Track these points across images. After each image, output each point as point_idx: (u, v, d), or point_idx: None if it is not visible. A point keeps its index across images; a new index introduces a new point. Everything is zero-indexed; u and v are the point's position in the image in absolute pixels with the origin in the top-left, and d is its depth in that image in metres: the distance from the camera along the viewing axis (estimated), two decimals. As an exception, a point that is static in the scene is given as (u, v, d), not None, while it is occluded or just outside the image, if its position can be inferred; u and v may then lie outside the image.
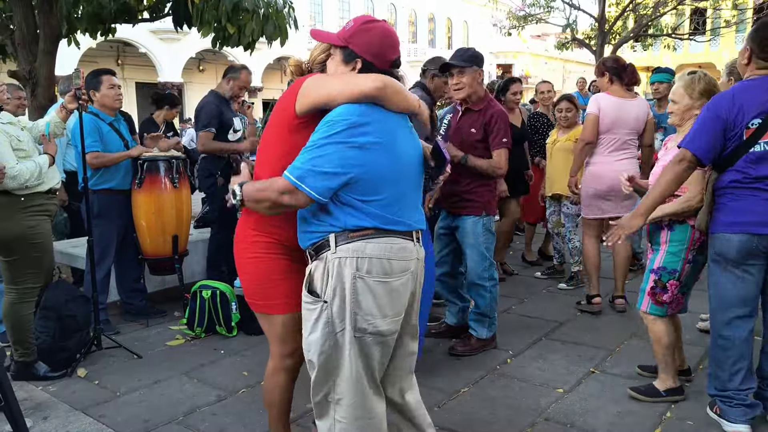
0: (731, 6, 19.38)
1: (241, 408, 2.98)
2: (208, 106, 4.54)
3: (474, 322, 3.63)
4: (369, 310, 1.82)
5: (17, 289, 3.21)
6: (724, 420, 2.64)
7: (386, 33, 1.95)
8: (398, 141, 1.89)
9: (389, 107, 1.87)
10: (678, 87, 2.90)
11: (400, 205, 1.88)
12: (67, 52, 6.82)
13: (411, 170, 1.96)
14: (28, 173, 3.10)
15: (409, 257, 1.88)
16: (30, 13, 5.27)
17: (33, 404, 3.03)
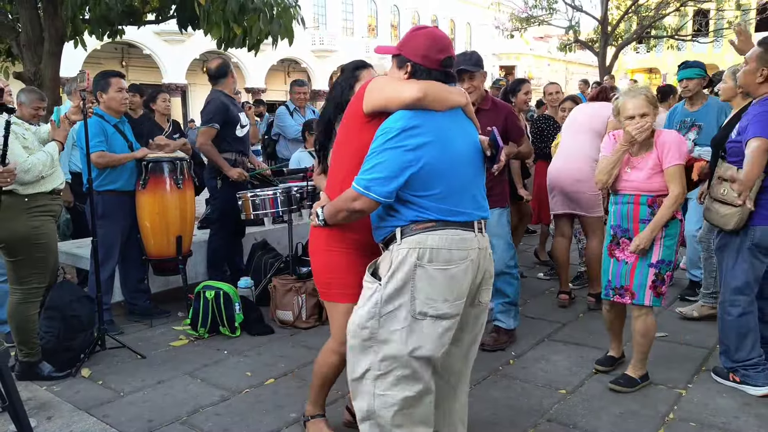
0: (734, 7, 19.35)
1: (245, 408, 2.99)
2: (213, 102, 4.55)
3: (501, 313, 3.70)
4: (430, 295, 1.99)
5: (22, 289, 3.22)
6: (750, 386, 3.03)
7: (432, 36, 2.11)
8: (451, 137, 2.06)
9: (435, 109, 2.04)
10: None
11: (458, 198, 2.05)
12: (71, 54, 6.86)
13: (467, 162, 2.10)
14: (41, 164, 3.12)
15: (469, 246, 2.04)
16: (35, 15, 5.30)
17: (37, 404, 3.05)
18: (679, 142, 3.04)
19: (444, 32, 2.20)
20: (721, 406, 2.90)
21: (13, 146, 3.04)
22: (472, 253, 2.06)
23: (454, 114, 2.11)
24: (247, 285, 4.41)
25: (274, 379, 3.32)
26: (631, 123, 2.96)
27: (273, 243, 5.09)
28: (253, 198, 4.33)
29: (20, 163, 3.03)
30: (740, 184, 2.85)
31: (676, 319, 4.16)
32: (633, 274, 3.04)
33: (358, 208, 2.05)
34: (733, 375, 3.10)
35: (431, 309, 2.00)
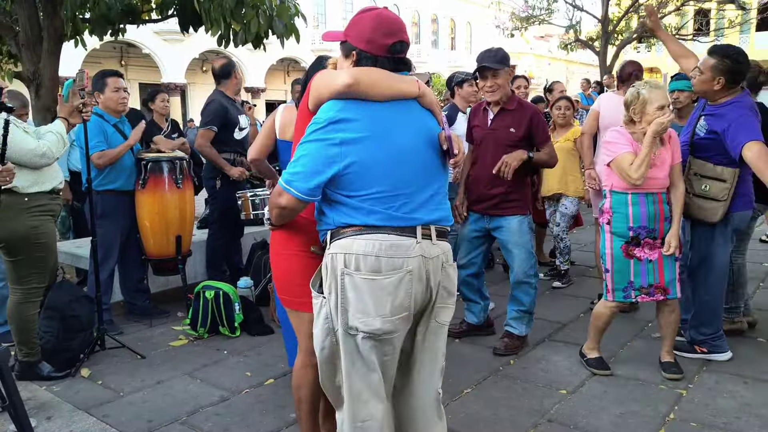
0: (735, 6, 19.31)
1: (245, 408, 2.98)
2: (213, 104, 4.56)
3: (514, 320, 3.65)
4: (360, 308, 1.78)
5: (22, 289, 3.21)
6: (717, 353, 3.39)
7: (377, 19, 1.86)
8: (393, 131, 1.82)
9: (373, 99, 1.80)
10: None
11: (400, 200, 1.81)
12: (71, 53, 6.84)
13: (413, 160, 1.84)
14: (54, 146, 3.13)
15: (405, 255, 1.78)
16: (34, 15, 5.29)
17: (37, 404, 3.04)
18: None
19: (396, 15, 1.92)
20: (721, 407, 2.90)
21: (21, 136, 3.03)
22: (411, 262, 1.78)
23: (402, 106, 1.85)
24: (247, 285, 4.41)
25: (273, 379, 3.31)
26: (660, 114, 2.94)
27: (273, 243, 5.07)
28: (253, 198, 4.33)
29: (32, 149, 3.03)
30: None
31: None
32: (662, 271, 3.11)
33: (283, 204, 1.84)
34: (699, 347, 3.41)
35: (362, 324, 1.77)
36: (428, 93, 1.93)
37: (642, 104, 2.99)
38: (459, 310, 4.07)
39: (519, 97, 3.67)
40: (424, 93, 1.90)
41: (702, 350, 3.41)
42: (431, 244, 1.85)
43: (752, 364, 3.38)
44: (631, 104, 3.05)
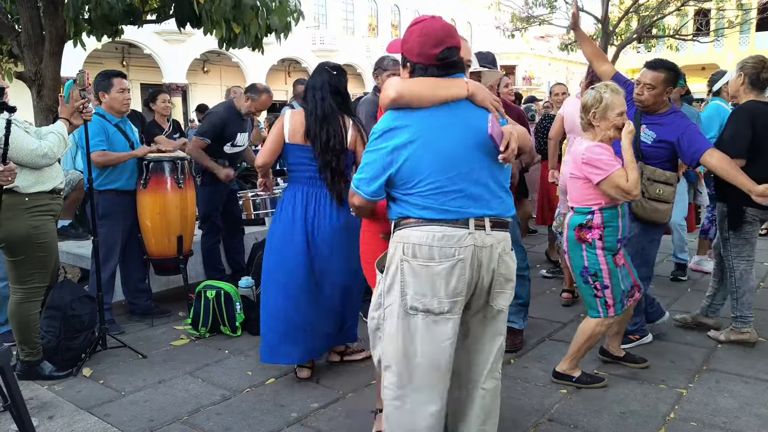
0: (735, 6, 19.33)
1: (246, 408, 2.99)
2: (214, 115, 4.58)
3: (514, 315, 3.65)
4: (418, 290, 1.99)
5: (23, 288, 3.22)
6: (646, 338, 3.70)
7: (424, 32, 2.02)
8: (441, 133, 1.98)
9: (419, 107, 1.98)
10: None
11: (449, 195, 1.98)
12: (72, 54, 6.85)
13: (464, 157, 1.99)
14: (55, 146, 3.14)
15: (458, 245, 1.97)
16: (36, 15, 5.30)
17: (39, 404, 3.05)
18: None
19: (442, 22, 2.06)
20: (722, 406, 2.90)
21: (22, 137, 3.04)
22: (464, 251, 1.97)
23: (452, 108, 2.00)
24: (248, 284, 4.41)
25: (275, 379, 3.32)
26: (620, 120, 2.91)
27: (274, 243, 5.08)
28: (254, 198, 4.34)
29: (34, 149, 3.04)
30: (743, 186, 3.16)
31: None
32: (631, 270, 3.16)
33: (357, 204, 2.11)
34: (632, 336, 3.64)
35: (420, 303, 1.99)
36: (479, 92, 2.04)
37: (604, 109, 2.89)
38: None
39: (504, 99, 3.74)
40: (473, 93, 2.02)
41: (636, 338, 3.66)
42: (485, 234, 2.01)
43: (752, 363, 3.39)
44: (592, 107, 2.92)
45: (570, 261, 3.08)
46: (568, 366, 3.18)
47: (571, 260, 3.07)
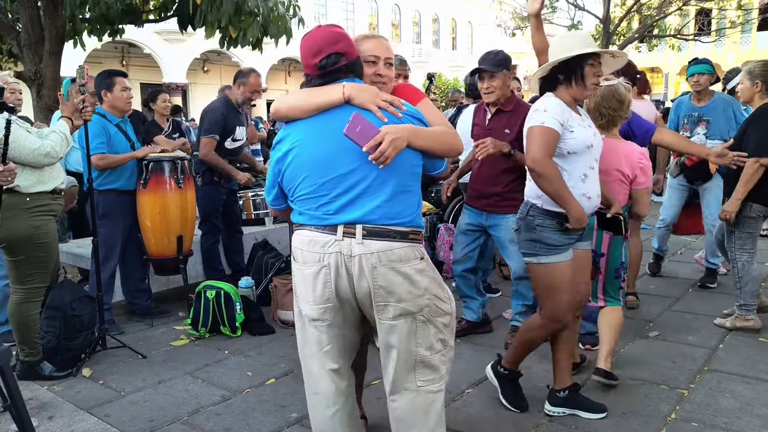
0: (736, 6, 19.30)
1: (246, 408, 2.98)
2: (212, 112, 4.55)
3: (520, 314, 3.70)
4: (299, 293, 2.09)
5: (23, 288, 3.22)
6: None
7: (306, 43, 2.05)
8: (315, 140, 1.97)
9: (298, 118, 2.02)
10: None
11: (322, 201, 1.96)
12: (72, 54, 6.85)
13: (336, 165, 1.94)
14: (58, 145, 3.14)
15: (322, 251, 1.95)
16: (36, 15, 5.30)
17: (38, 404, 3.05)
18: None
19: (327, 30, 2.04)
20: (723, 406, 2.90)
21: (24, 136, 3.04)
22: (329, 258, 1.93)
23: (334, 114, 1.96)
24: (248, 285, 4.41)
25: (275, 379, 3.31)
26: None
27: (274, 243, 5.09)
28: (254, 198, 4.34)
29: (36, 148, 3.04)
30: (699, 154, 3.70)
31: (678, 319, 4.15)
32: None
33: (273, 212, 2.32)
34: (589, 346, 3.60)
35: (303, 307, 2.07)
36: (358, 94, 1.97)
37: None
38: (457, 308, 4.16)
39: (519, 98, 3.67)
40: (350, 96, 1.97)
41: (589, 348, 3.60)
42: (355, 242, 1.92)
43: (753, 363, 3.38)
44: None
45: (610, 261, 3.06)
46: (610, 363, 3.10)
47: (612, 260, 3.06)
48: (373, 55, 2.18)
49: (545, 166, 2.52)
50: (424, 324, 2.00)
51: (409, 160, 1.98)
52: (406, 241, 1.95)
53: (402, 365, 2.02)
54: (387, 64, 2.20)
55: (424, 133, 2.00)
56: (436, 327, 2.03)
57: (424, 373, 2.03)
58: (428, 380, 2.04)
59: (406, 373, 2.03)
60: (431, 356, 2.02)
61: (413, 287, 1.95)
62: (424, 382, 2.03)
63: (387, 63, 2.21)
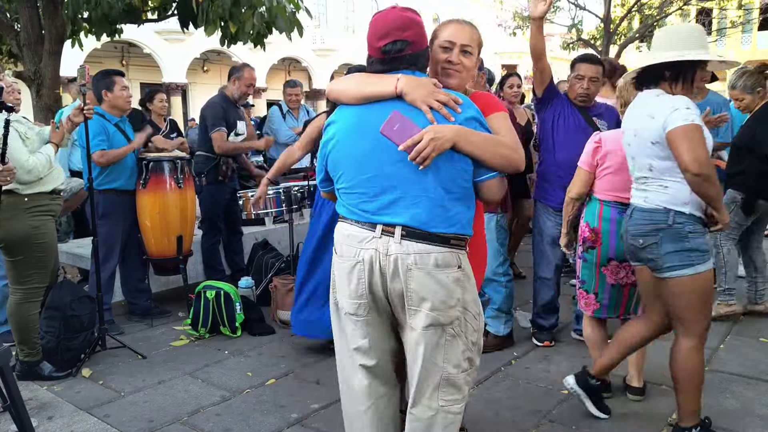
0: (737, 6, 19.30)
1: (246, 408, 2.98)
2: (213, 107, 4.57)
3: (491, 319, 3.68)
4: (336, 284, 2.00)
5: (22, 289, 3.21)
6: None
7: (374, 23, 1.93)
8: (360, 132, 1.87)
9: (348, 103, 1.93)
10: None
11: (363, 198, 1.88)
12: (72, 53, 6.85)
13: (378, 162, 1.84)
14: (41, 165, 3.15)
15: (360, 246, 1.87)
16: (35, 15, 5.30)
17: (38, 404, 3.04)
18: None
19: (399, 13, 1.92)
20: (723, 407, 2.89)
21: (16, 145, 3.04)
22: (364, 253, 1.86)
23: (384, 106, 1.85)
24: (248, 285, 4.40)
25: (275, 379, 3.31)
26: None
27: (274, 243, 5.08)
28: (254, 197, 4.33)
29: (22, 162, 3.03)
30: None
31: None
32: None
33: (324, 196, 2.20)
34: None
35: (338, 299, 1.99)
36: (410, 91, 1.83)
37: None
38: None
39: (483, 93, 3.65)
40: (402, 91, 1.84)
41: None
42: (393, 242, 1.84)
43: (754, 364, 3.37)
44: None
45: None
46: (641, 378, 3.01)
47: None
48: (449, 40, 2.03)
49: (711, 167, 2.26)
50: (453, 339, 1.89)
51: (455, 165, 1.83)
52: (446, 246, 1.84)
53: (426, 379, 1.91)
54: (464, 52, 2.01)
55: (476, 138, 1.83)
56: (466, 344, 1.92)
57: (448, 392, 1.92)
58: (451, 400, 1.93)
59: (430, 389, 1.92)
60: (457, 375, 1.91)
61: (447, 296, 1.85)
62: (446, 402, 1.92)
63: (464, 51, 2.02)
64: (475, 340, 1.95)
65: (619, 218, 2.79)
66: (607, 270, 2.89)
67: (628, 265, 2.79)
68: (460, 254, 1.88)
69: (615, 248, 2.83)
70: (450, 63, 2.00)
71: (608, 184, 2.85)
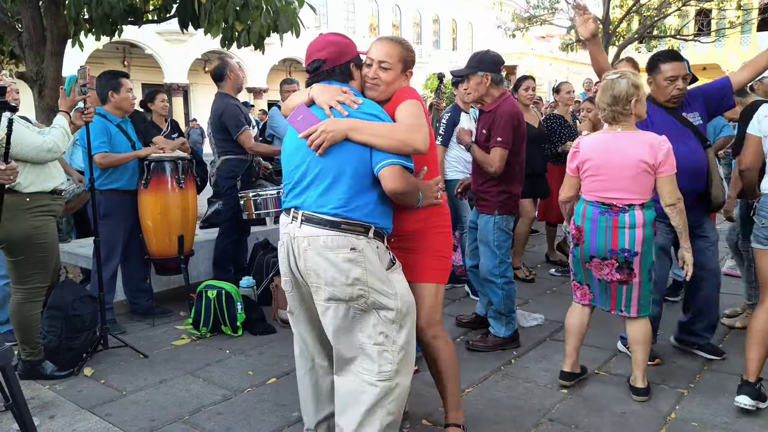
0: (736, 6, 19.31)
1: (247, 407, 2.99)
2: (231, 108, 4.53)
3: (491, 319, 3.71)
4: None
5: (24, 289, 3.22)
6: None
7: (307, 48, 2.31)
8: (289, 135, 2.27)
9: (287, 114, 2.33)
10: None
11: (288, 188, 2.24)
12: (74, 54, 6.85)
13: (297, 157, 2.20)
14: (59, 140, 3.17)
15: (283, 230, 2.24)
16: (37, 15, 5.31)
17: (40, 403, 3.06)
18: None
19: (322, 37, 2.30)
20: (723, 406, 2.90)
21: (27, 133, 3.06)
22: (284, 237, 2.22)
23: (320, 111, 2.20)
24: (249, 284, 4.41)
25: (276, 379, 3.32)
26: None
27: (275, 243, 5.09)
28: (255, 197, 4.34)
29: (39, 144, 3.06)
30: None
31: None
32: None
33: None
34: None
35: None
36: (317, 95, 2.19)
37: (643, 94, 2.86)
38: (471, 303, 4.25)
39: (502, 100, 3.55)
40: (312, 97, 2.22)
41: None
42: (296, 226, 2.15)
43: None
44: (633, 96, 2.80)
45: (642, 262, 2.86)
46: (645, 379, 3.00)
47: (644, 261, 2.86)
48: (369, 57, 2.33)
49: None
50: (363, 314, 2.14)
51: (353, 153, 2.11)
52: (335, 230, 2.10)
53: (339, 349, 2.19)
54: (382, 68, 2.30)
55: (367, 128, 2.10)
56: (378, 320, 2.14)
57: (363, 361, 2.16)
58: (365, 369, 2.16)
59: (345, 359, 2.19)
60: (370, 345, 2.14)
61: (340, 275, 2.09)
62: (363, 370, 2.16)
63: (381, 66, 2.30)
64: (391, 317, 2.15)
65: (600, 218, 2.87)
66: (591, 266, 2.97)
67: (611, 263, 2.88)
68: (353, 238, 2.10)
69: (595, 246, 2.89)
70: (369, 78, 2.31)
71: (589, 185, 2.94)
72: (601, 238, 2.86)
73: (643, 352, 2.96)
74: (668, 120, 3.23)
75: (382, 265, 2.16)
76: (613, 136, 2.88)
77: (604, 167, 2.84)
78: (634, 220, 2.81)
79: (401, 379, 2.18)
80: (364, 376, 2.16)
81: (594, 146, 2.91)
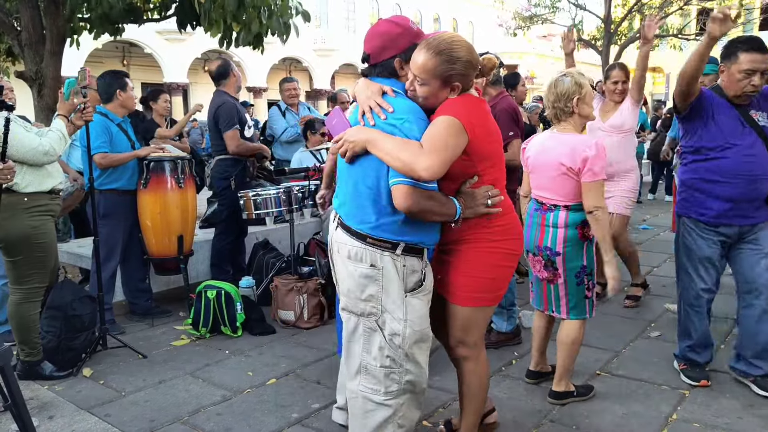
0: (737, 6, 19.28)
1: (246, 408, 2.98)
2: (226, 106, 4.54)
3: (494, 315, 3.67)
4: None
5: (22, 289, 3.22)
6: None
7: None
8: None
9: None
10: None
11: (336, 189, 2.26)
12: (73, 53, 6.86)
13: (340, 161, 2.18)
14: (56, 143, 3.16)
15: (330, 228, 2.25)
16: (36, 14, 5.30)
17: (39, 404, 3.05)
18: None
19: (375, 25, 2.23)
20: (724, 407, 2.89)
21: (24, 134, 3.05)
22: (330, 233, 2.24)
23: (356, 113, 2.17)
24: (249, 285, 4.40)
25: (275, 379, 3.31)
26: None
27: (274, 243, 5.09)
28: (255, 197, 4.33)
29: (36, 146, 3.05)
30: None
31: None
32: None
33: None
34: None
35: None
36: (358, 94, 2.11)
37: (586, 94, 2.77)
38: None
39: (499, 98, 3.58)
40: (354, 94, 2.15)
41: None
42: (334, 229, 2.18)
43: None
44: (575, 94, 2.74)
45: (566, 263, 2.80)
46: (566, 384, 2.96)
47: (567, 261, 2.80)
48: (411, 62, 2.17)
49: None
50: (372, 332, 2.08)
51: (370, 166, 2.03)
52: (361, 242, 2.06)
53: (348, 360, 2.17)
54: (417, 82, 2.06)
55: (383, 144, 1.96)
56: (385, 343, 2.06)
57: (368, 380, 2.10)
58: (370, 388, 2.10)
59: (354, 371, 2.15)
60: (375, 367, 2.08)
61: (356, 288, 2.06)
62: (366, 388, 2.11)
63: (419, 81, 2.06)
64: (399, 343, 2.06)
65: (534, 213, 2.92)
66: (531, 262, 2.99)
67: (539, 260, 2.90)
68: (377, 254, 2.04)
69: (529, 240, 2.91)
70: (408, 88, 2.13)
71: (531, 182, 2.99)
72: (532, 233, 2.91)
73: (567, 356, 2.89)
74: (734, 116, 2.95)
75: (402, 285, 2.06)
76: (550, 136, 2.90)
77: (537, 166, 2.89)
78: (557, 220, 2.80)
79: (409, 395, 2.12)
80: (367, 394, 2.11)
81: (534, 144, 2.97)
